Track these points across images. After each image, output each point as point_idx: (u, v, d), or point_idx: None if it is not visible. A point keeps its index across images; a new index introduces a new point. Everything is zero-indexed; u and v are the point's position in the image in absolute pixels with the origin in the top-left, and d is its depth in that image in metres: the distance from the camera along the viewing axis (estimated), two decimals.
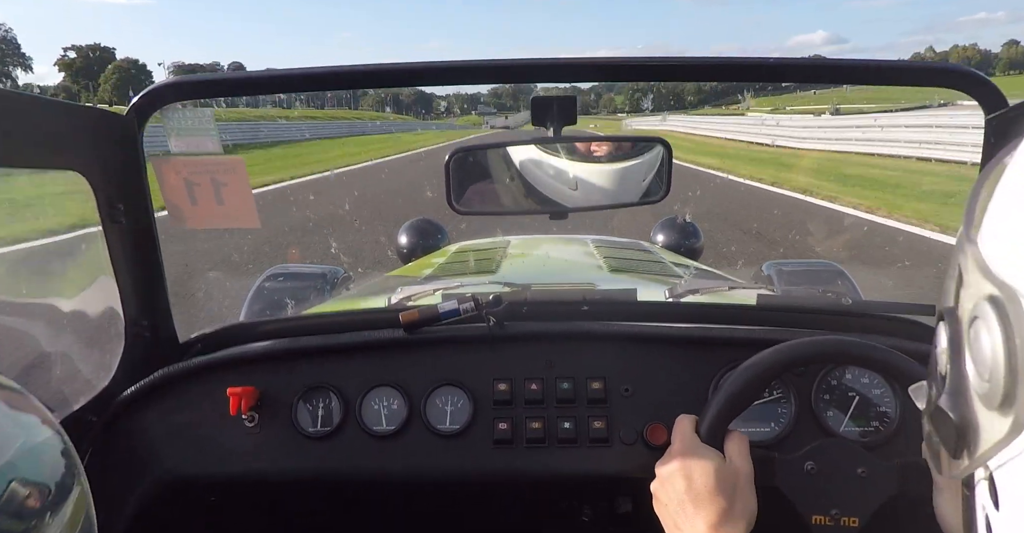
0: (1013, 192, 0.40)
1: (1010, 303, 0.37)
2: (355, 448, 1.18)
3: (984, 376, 0.39)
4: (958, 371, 0.42)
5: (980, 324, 0.39)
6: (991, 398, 0.38)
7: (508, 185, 1.28)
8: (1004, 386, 0.37)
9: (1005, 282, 0.38)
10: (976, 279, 0.40)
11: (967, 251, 0.42)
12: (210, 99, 1.17)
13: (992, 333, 0.38)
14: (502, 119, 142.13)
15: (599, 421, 1.16)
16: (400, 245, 3.38)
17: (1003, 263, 0.38)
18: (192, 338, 1.33)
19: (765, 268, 2.75)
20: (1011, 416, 0.37)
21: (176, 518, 1.26)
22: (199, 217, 1.19)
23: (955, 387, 0.43)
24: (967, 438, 0.41)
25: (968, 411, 0.41)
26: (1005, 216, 0.40)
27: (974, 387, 0.41)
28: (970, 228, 0.43)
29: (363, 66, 1.11)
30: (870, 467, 1.00)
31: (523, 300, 1.31)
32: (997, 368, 0.37)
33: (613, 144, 1.28)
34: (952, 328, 0.44)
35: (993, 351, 0.38)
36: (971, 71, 1.08)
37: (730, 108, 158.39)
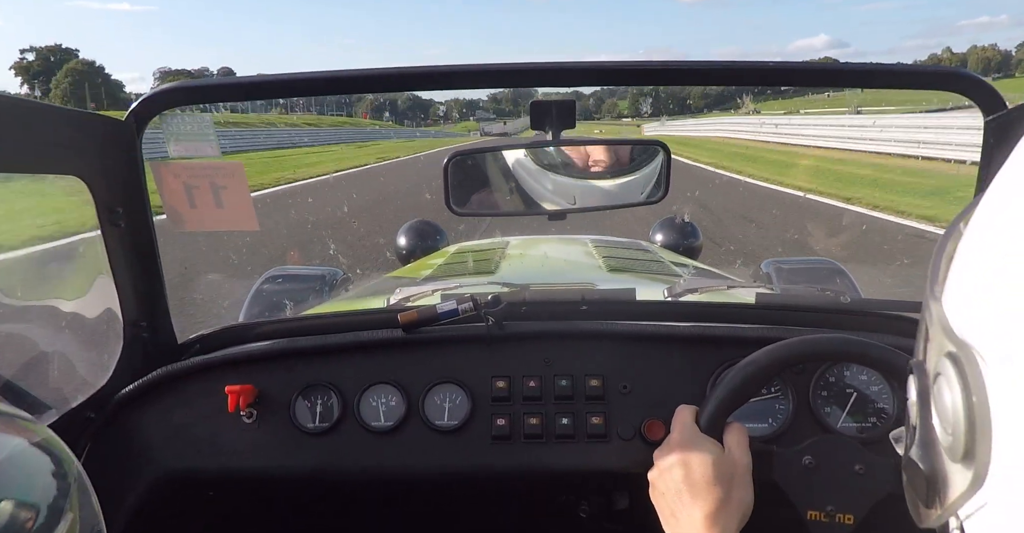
0: (971, 254, 0.41)
1: (968, 362, 0.38)
2: (353, 444, 1.19)
3: (948, 429, 0.40)
4: (925, 424, 0.44)
5: (942, 380, 0.40)
6: (955, 451, 0.39)
7: (506, 188, 1.28)
8: (965, 441, 0.38)
9: (964, 341, 0.39)
10: (939, 336, 0.42)
11: (931, 308, 0.43)
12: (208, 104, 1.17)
13: (952, 389, 0.39)
14: (499, 125, 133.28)
15: (597, 417, 1.17)
16: (399, 246, 3.39)
17: (962, 322, 0.40)
18: (191, 339, 1.34)
19: (764, 266, 2.76)
20: (972, 469, 0.38)
21: (175, 514, 1.26)
22: (198, 220, 1.20)
23: (924, 439, 0.44)
24: (936, 488, 0.43)
25: (937, 462, 0.43)
26: (964, 277, 0.41)
27: (940, 439, 0.42)
28: (934, 285, 0.44)
29: (363, 70, 1.11)
30: (867, 464, 1.01)
31: (522, 300, 1.31)
32: (959, 423, 0.38)
33: (612, 158, 1.28)
34: (920, 381, 0.45)
35: (954, 407, 0.39)
36: (969, 73, 1.09)
37: (739, 112, 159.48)
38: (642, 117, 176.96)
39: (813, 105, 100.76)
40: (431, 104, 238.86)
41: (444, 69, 1.10)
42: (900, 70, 1.12)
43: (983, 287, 0.38)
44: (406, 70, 1.11)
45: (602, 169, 1.27)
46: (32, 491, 0.49)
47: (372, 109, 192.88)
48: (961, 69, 1.12)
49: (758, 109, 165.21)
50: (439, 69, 1.10)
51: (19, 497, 0.47)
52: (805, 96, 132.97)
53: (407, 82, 1.15)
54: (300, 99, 52.78)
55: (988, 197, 0.41)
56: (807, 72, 1.15)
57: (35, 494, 0.49)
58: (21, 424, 0.55)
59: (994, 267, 0.38)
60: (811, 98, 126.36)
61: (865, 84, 1.15)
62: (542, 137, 1.15)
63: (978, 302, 0.39)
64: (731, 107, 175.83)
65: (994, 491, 0.37)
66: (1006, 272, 0.37)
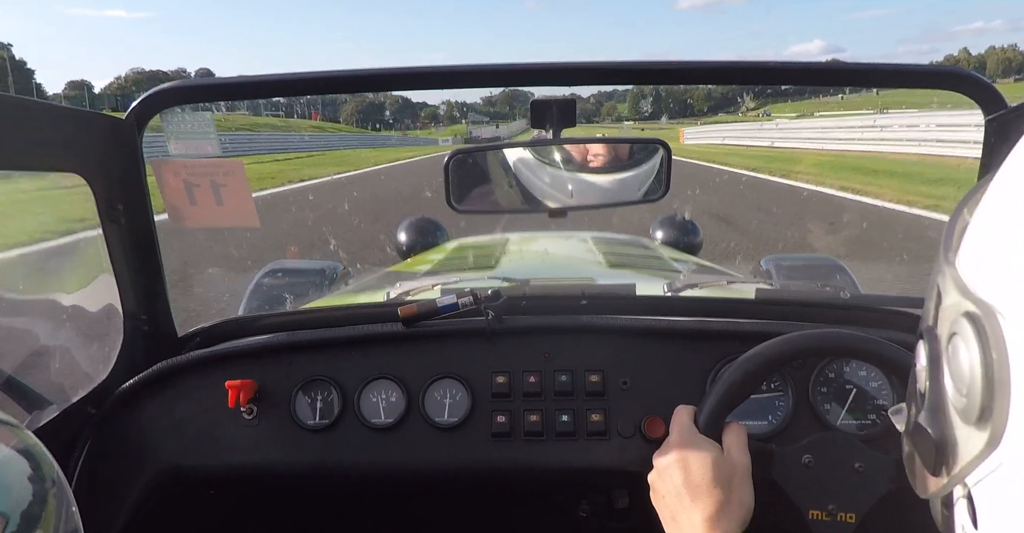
0: (992, 214, 0.41)
1: (987, 319, 0.38)
2: (353, 440, 1.19)
3: (962, 391, 0.40)
4: (937, 388, 0.44)
5: (958, 340, 0.40)
6: (969, 413, 0.39)
7: (506, 185, 1.29)
8: (981, 400, 0.38)
9: (982, 299, 0.39)
10: (954, 297, 0.42)
11: (946, 273, 0.43)
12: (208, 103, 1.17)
13: (970, 348, 0.39)
14: (491, 128, 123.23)
15: (597, 414, 1.17)
16: (399, 242, 3.39)
17: (980, 282, 0.40)
18: (190, 332, 1.34)
19: (764, 263, 2.76)
20: (988, 430, 0.38)
21: (175, 509, 1.27)
22: (198, 217, 1.20)
23: (934, 404, 0.44)
24: (946, 454, 0.42)
25: (947, 427, 0.42)
26: (983, 237, 0.41)
27: (952, 402, 0.42)
28: (948, 251, 0.44)
29: (363, 70, 1.11)
30: (867, 461, 1.00)
31: (522, 295, 1.32)
32: (974, 383, 0.38)
33: (610, 154, 1.28)
34: (931, 346, 0.45)
35: (971, 366, 0.39)
36: (970, 73, 1.08)
37: (748, 115, 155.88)
38: (646, 119, 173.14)
39: (826, 108, 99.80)
40: (424, 106, 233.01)
41: (442, 69, 1.10)
42: (901, 70, 1.12)
43: (1003, 246, 0.38)
44: (405, 70, 1.11)
45: (600, 164, 1.27)
46: (6, 498, 0.48)
47: (359, 111, 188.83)
48: (961, 68, 1.12)
49: (768, 111, 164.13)
50: (437, 69, 1.10)
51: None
52: (816, 98, 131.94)
53: (406, 82, 1.15)
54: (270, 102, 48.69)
55: (1009, 164, 0.42)
56: (808, 72, 1.14)
57: (9, 501, 0.48)
58: (2, 429, 0.54)
59: (1014, 226, 0.38)
60: (822, 100, 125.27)
61: (866, 84, 1.15)
62: (542, 136, 1.16)
63: (997, 262, 0.39)
64: (736, 110, 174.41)
65: (1010, 451, 0.37)
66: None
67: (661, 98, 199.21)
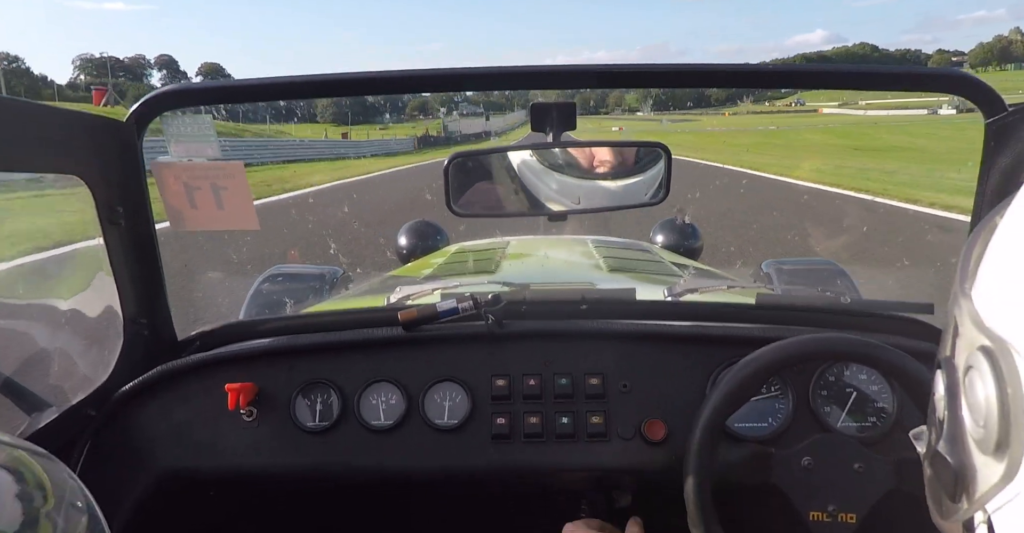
0: (1004, 249, 0.41)
1: (1002, 355, 0.39)
2: (353, 442, 1.19)
3: (979, 422, 0.41)
4: (955, 417, 0.44)
5: (974, 373, 0.41)
6: (986, 443, 0.40)
7: (507, 188, 1.29)
8: (998, 432, 0.38)
9: (997, 335, 0.39)
10: (970, 331, 0.42)
11: (962, 305, 0.44)
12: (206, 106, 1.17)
13: (985, 382, 0.39)
14: (478, 121, 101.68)
15: (597, 416, 1.17)
16: (400, 246, 3.39)
17: (995, 317, 0.40)
18: (191, 336, 1.34)
19: (764, 267, 2.76)
20: (1005, 460, 0.38)
21: (175, 512, 1.27)
22: (199, 220, 1.20)
23: (952, 433, 0.44)
24: (965, 482, 0.43)
25: (965, 456, 0.43)
26: (997, 272, 0.41)
27: (970, 433, 0.42)
28: (964, 282, 0.45)
29: (363, 74, 1.12)
30: (867, 462, 1.01)
31: (522, 299, 1.32)
32: (991, 415, 0.39)
33: (617, 159, 1.28)
34: (949, 376, 0.45)
35: (987, 399, 0.39)
36: (971, 76, 1.09)
37: (776, 104, 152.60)
38: (668, 110, 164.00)
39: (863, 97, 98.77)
40: (411, 100, 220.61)
41: (443, 72, 1.10)
42: (902, 72, 1.12)
43: (1017, 282, 0.39)
44: (406, 73, 1.11)
45: (607, 169, 1.27)
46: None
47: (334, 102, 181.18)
48: (962, 71, 1.12)
49: (801, 100, 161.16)
50: (438, 72, 1.11)
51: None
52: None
53: (407, 85, 1.15)
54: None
55: (1022, 194, 0.42)
56: (810, 74, 1.15)
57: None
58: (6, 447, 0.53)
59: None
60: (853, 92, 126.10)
61: (867, 86, 1.15)
62: (541, 139, 1.16)
63: (1012, 297, 0.39)
64: (764, 97, 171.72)
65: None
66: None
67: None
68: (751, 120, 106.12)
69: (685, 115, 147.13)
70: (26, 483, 0.52)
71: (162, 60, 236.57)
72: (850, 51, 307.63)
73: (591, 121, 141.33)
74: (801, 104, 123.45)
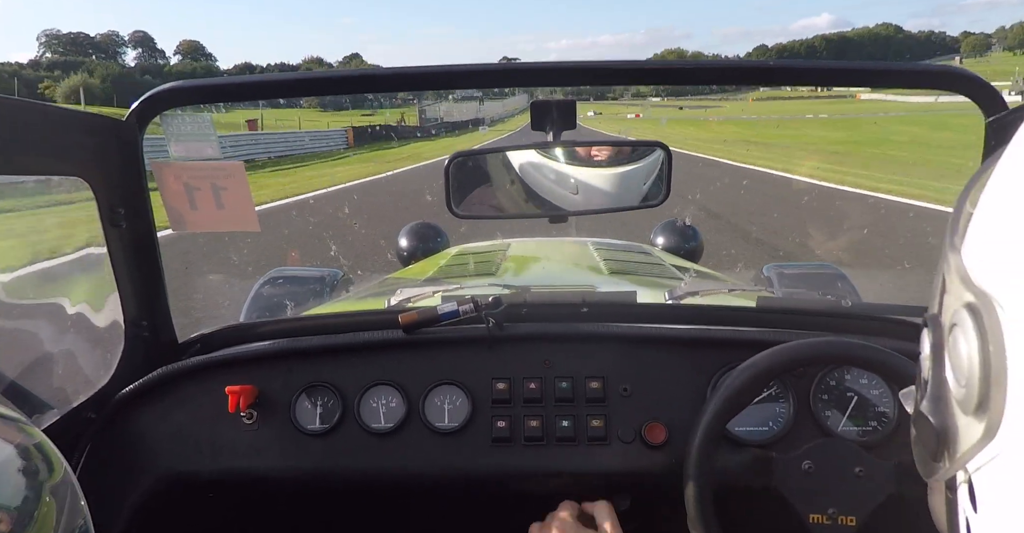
0: (994, 203, 0.40)
1: (986, 311, 0.38)
2: (353, 445, 1.19)
3: (961, 382, 0.40)
4: (938, 377, 0.44)
5: (958, 331, 0.40)
6: (967, 403, 0.39)
7: (508, 189, 1.29)
8: (979, 391, 0.38)
9: (982, 290, 0.39)
10: (957, 287, 0.41)
11: (950, 259, 0.43)
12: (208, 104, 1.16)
13: (969, 340, 0.39)
14: (471, 106, 79.33)
15: (597, 420, 1.17)
16: (400, 248, 3.40)
17: (982, 272, 0.39)
18: (191, 338, 1.34)
19: (765, 270, 2.76)
20: (985, 420, 0.38)
21: (175, 515, 1.26)
22: (199, 221, 1.20)
23: (936, 392, 0.44)
24: (946, 442, 0.43)
25: (948, 415, 0.43)
26: (986, 226, 0.41)
27: (953, 392, 0.42)
28: (954, 236, 0.44)
29: (366, 70, 1.12)
30: (867, 466, 1.01)
31: (522, 302, 1.32)
32: (973, 374, 0.38)
33: (613, 148, 1.29)
34: (934, 334, 0.45)
35: (969, 357, 0.39)
36: (971, 74, 1.08)
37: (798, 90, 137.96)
38: (685, 96, 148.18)
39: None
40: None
41: (446, 69, 1.10)
42: (902, 69, 1.12)
43: (1004, 237, 0.38)
44: (408, 70, 1.12)
45: (604, 158, 1.28)
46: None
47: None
48: (963, 69, 1.12)
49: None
50: (441, 69, 1.11)
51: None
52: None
53: (409, 82, 1.15)
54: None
55: (1011, 151, 0.41)
56: (810, 71, 1.15)
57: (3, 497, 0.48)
58: (14, 425, 0.54)
59: (1016, 217, 0.38)
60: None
61: (867, 83, 1.15)
62: (542, 138, 1.16)
63: (998, 252, 0.38)
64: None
65: (1006, 442, 0.37)
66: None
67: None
68: (778, 107, 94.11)
69: (703, 101, 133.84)
70: (31, 458, 0.53)
71: (137, 37, 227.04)
72: (872, 32, 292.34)
73: (601, 106, 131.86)
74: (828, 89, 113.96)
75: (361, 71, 1.12)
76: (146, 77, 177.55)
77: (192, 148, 1.15)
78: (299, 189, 15.44)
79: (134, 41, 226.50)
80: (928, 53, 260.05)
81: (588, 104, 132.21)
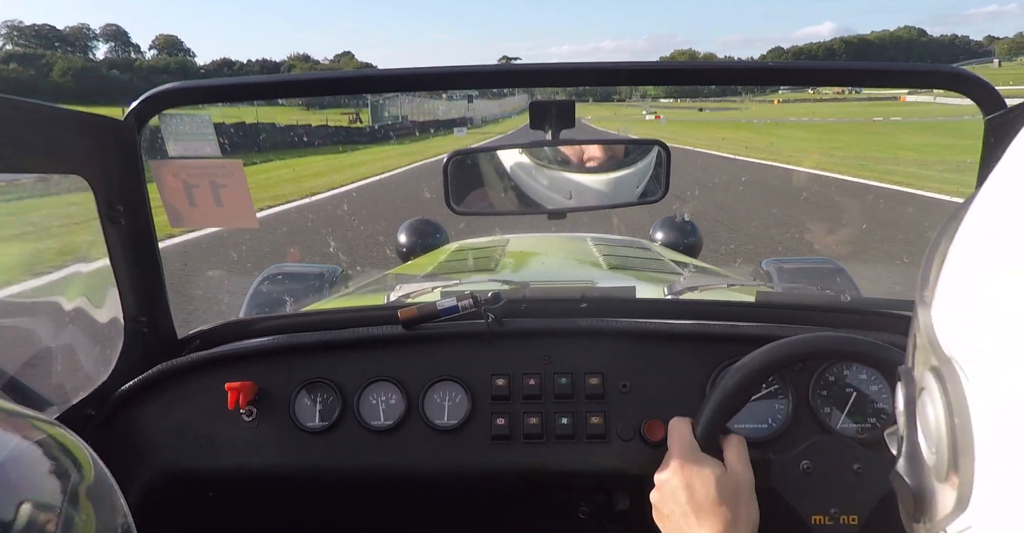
0: (959, 261, 0.39)
1: (950, 378, 0.36)
2: (353, 442, 1.19)
3: (932, 448, 0.39)
4: (912, 438, 0.42)
5: (926, 395, 0.39)
6: (939, 470, 0.38)
7: (505, 189, 1.29)
8: (948, 460, 0.37)
9: (948, 356, 0.37)
10: (924, 346, 0.40)
11: (919, 315, 0.41)
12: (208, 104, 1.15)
13: (936, 406, 0.37)
14: (459, 106, 66.51)
15: (597, 417, 1.17)
16: (399, 244, 3.40)
17: (948, 334, 0.38)
18: (190, 334, 1.34)
19: (764, 265, 2.76)
20: (956, 491, 0.36)
21: (174, 511, 1.27)
22: (197, 218, 1.20)
23: (910, 453, 0.42)
24: (923, 505, 0.41)
25: (923, 478, 0.41)
26: (952, 282, 0.39)
27: (925, 456, 0.40)
28: (924, 290, 0.42)
29: (365, 72, 1.12)
30: (866, 462, 1.00)
31: (522, 298, 1.32)
32: (942, 441, 0.37)
33: (606, 154, 1.28)
34: (907, 390, 0.43)
35: (937, 424, 0.37)
36: (970, 73, 1.08)
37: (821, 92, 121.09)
38: (702, 97, 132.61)
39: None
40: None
41: (445, 70, 1.10)
42: (901, 69, 1.12)
43: (968, 298, 0.36)
44: (408, 71, 1.11)
45: (597, 164, 1.28)
46: (30, 491, 0.48)
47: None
48: (962, 69, 1.12)
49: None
50: (440, 70, 1.10)
51: (23, 497, 0.46)
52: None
53: (409, 83, 1.15)
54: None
55: (980, 199, 0.39)
56: (809, 71, 1.15)
57: (33, 494, 0.48)
58: (28, 421, 0.54)
59: (979, 276, 0.36)
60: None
61: (866, 83, 1.14)
62: (540, 137, 1.16)
63: (962, 313, 0.36)
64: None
65: (978, 514, 0.35)
66: (990, 282, 0.34)
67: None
68: (809, 109, 79.48)
69: (722, 103, 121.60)
70: (58, 459, 0.52)
71: (109, 30, 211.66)
72: (894, 35, 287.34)
73: (606, 108, 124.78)
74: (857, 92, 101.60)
75: (361, 72, 1.12)
76: (113, 72, 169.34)
77: (191, 147, 1.15)
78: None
79: (106, 35, 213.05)
80: (951, 57, 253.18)
81: (588, 106, 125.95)
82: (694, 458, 0.96)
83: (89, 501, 0.52)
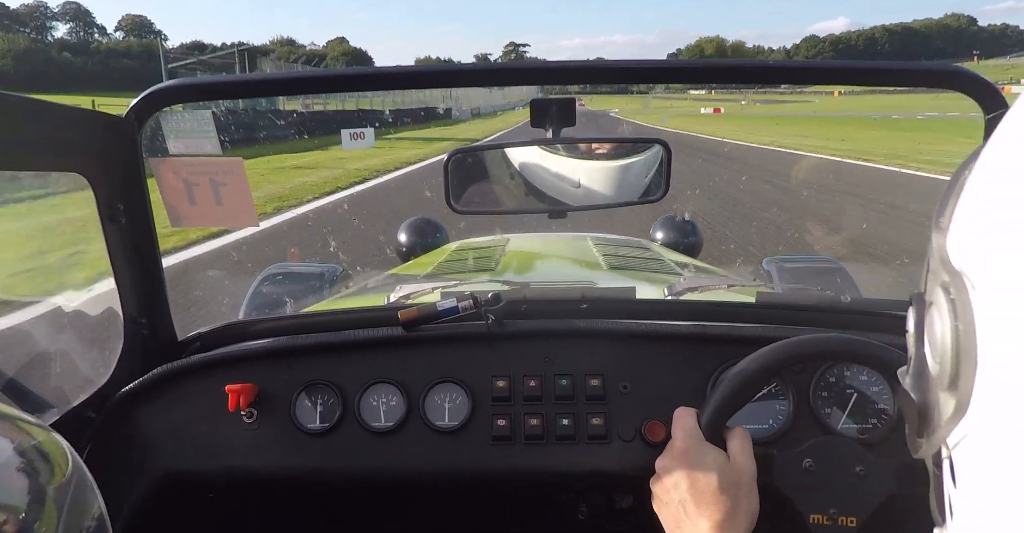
0: (977, 185, 0.41)
1: (958, 290, 0.39)
2: (353, 444, 1.19)
3: (936, 358, 0.42)
4: (919, 354, 0.45)
5: (934, 309, 0.42)
6: (942, 379, 0.41)
7: (508, 184, 1.29)
8: (951, 368, 0.39)
9: (957, 270, 0.40)
10: (936, 266, 0.43)
11: (934, 240, 0.44)
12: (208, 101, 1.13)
13: (943, 318, 0.40)
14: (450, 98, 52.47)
15: (597, 418, 1.17)
16: (400, 243, 3.40)
17: (960, 252, 0.40)
18: (190, 336, 1.34)
19: (764, 265, 2.76)
20: (956, 397, 0.39)
21: (174, 513, 1.26)
22: (197, 217, 1.19)
23: (918, 369, 0.46)
24: (926, 418, 0.44)
25: (928, 392, 0.44)
26: (968, 208, 0.41)
27: (931, 369, 0.43)
28: (940, 217, 0.45)
29: (366, 69, 1.12)
30: (868, 466, 1.00)
31: (522, 298, 1.32)
32: (946, 351, 0.40)
33: (614, 144, 1.29)
34: (917, 312, 0.46)
35: (943, 335, 0.40)
36: (970, 72, 1.08)
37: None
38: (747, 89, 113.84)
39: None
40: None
41: (450, 68, 1.10)
42: (901, 68, 1.12)
43: (981, 218, 0.39)
44: (410, 69, 1.11)
45: (606, 152, 1.29)
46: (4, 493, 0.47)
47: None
48: (962, 67, 1.12)
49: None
50: (444, 68, 1.10)
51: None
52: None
53: (411, 81, 1.15)
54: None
55: (1002, 130, 0.42)
56: (809, 70, 1.15)
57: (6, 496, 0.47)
58: (8, 422, 0.53)
59: (993, 199, 0.38)
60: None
61: (866, 82, 1.15)
62: (541, 136, 1.15)
63: (975, 233, 0.39)
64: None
65: (976, 419, 0.38)
66: (1004, 196, 0.37)
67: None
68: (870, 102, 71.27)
69: (768, 95, 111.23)
70: (30, 460, 0.51)
71: (69, 10, 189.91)
72: (941, 22, 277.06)
73: (620, 100, 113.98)
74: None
75: (363, 70, 1.12)
76: (64, 54, 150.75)
77: (191, 144, 1.14)
78: None
79: (66, 15, 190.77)
80: (1002, 49, 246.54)
81: (610, 98, 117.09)
82: (697, 447, 0.96)
83: (56, 502, 0.51)
